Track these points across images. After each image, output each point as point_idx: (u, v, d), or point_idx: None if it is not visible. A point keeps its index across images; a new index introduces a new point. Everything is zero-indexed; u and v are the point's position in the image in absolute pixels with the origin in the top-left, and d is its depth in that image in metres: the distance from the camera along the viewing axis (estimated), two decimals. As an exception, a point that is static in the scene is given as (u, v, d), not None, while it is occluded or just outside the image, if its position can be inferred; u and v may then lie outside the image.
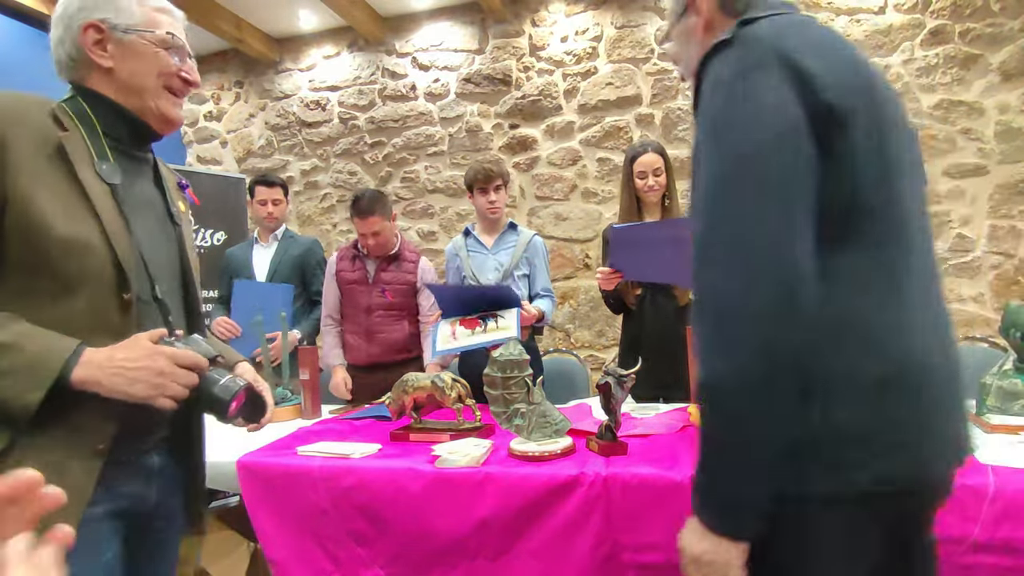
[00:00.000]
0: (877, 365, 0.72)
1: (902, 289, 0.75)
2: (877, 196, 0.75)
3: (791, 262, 0.69)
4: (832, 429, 0.72)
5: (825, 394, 0.72)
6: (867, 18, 3.45)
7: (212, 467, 1.53)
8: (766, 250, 0.69)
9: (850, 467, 0.71)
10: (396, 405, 1.73)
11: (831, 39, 0.79)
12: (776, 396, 0.70)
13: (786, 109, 0.71)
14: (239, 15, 4.07)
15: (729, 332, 0.70)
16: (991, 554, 1.05)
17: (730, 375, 0.70)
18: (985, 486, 1.07)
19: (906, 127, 0.83)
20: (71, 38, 0.96)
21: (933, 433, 0.75)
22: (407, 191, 4.26)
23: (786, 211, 0.70)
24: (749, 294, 0.68)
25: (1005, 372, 1.48)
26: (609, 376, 1.42)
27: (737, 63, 0.76)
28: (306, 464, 1.44)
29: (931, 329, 0.77)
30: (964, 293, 3.34)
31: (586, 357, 3.47)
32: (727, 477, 0.73)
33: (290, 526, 1.42)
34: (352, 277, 2.51)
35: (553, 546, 1.27)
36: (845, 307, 0.73)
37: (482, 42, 4.08)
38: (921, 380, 0.74)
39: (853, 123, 0.73)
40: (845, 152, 0.73)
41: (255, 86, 4.58)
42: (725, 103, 0.75)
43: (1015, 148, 3.25)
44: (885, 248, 0.75)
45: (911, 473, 0.73)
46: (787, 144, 0.71)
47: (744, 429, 0.71)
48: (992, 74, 3.28)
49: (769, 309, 0.68)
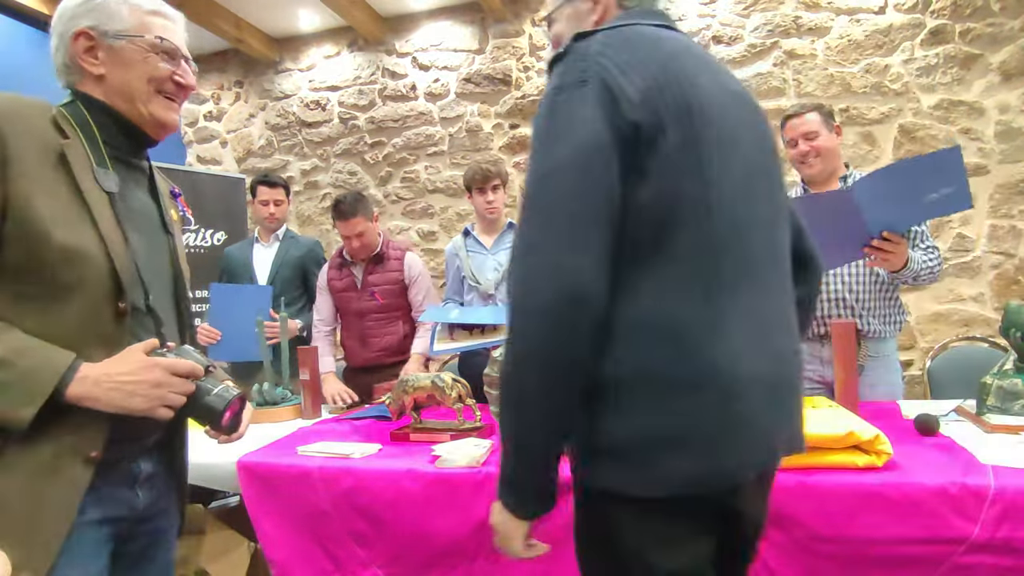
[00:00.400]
0: (687, 371, 0.76)
1: (721, 299, 0.78)
2: (695, 211, 0.77)
3: (575, 270, 0.73)
4: (639, 430, 0.76)
5: (632, 396, 0.76)
6: (867, 18, 3.45)
7: (212, 467, 1.54)
8: (551, 257, 0.74)
9: (659, 467, 0.76)
10: (396, 405, 1.73)
11: (667, 58, 0.80)
12: (552, 392, 0.75)
13: (591, 126, 0.75)
14: (239, 15, 4.07)
15: (518, 326, 0.76)
16: (991, 554, 1.05)
17: (515, 365, 0.77)
18: (985, 486, 1.07)
19: (759, 146, 0.87)
20: (64, 46, 0.97)
21: (745, 435, 0.78)
22: (407, 191, 4.26)
23: (576, 223, 0.74)
24: (536, 295, 0.74)
25: (1005, 372, 1.48)
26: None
27: (559, 77, 0.80)
28: (306, 464, 1.44)
29: (756, 338, 0.80)
30: (964, 293, 3.34)
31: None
32: (509, 460, 0.81)
33: (290, 526, 1.42)
34: (341, 285, 2.52)
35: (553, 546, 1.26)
36: (658, 314, 0.77)
37: (482, 42, 4.08)
38: (734, 386, 0.76)
39: (664, 142, 0.76)
40: (656, 169, 0.76)
41: (255, 86, 4.58)
42: (543, 116, 0.80)
43: (1015, 148, 3.25)
44: (704, 260, 0.78)
45: (718, 473, 0.77)
46: (585, 160, 0.75)
47: (524, 415, 0.78)
48: (992, 74, 3.28)
49: (551, 311, 0.73)
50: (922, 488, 1.09)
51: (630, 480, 0.76)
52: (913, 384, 3.39)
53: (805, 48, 3.54)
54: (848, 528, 1.10)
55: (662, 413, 0.76)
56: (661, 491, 0.76)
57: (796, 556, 1.14)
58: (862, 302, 1.89)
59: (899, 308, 1.95)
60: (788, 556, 1.14)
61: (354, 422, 1.92)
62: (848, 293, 1.89)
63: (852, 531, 1.10)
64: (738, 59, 3.63)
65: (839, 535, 1.11)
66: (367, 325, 2.50)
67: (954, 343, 2.68)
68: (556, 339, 0.74)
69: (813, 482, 1.13)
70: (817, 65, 3.51)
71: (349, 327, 2.56)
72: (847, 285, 1.90)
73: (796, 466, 1.16)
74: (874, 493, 1.10)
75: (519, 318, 0.76)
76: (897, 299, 1.94)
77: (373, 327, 2.50)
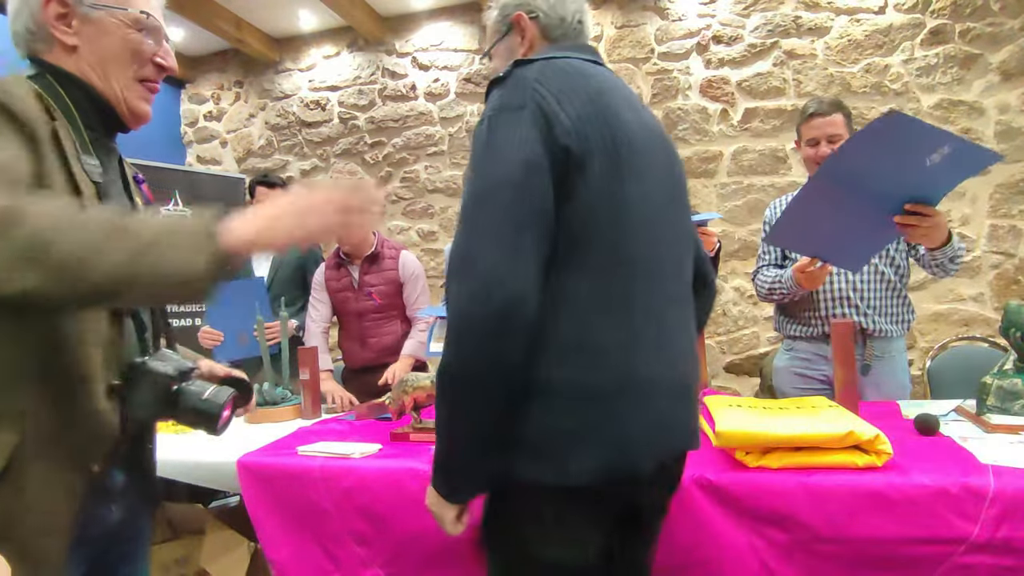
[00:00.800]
0: (603, 373, 0.85)
1: (634, 309, 0.87)
2: (612, 232, 0.86)
3: (516, 279, 0.79)
4: (558, 427, 0.84)
5: (551, 399, 0.84)
6: (867, 18, 3.45)
7: (212, 467, 1.54)
8: (488, 271, 0.79)
9: (574, 460, 0.83)
10: (396, 405, 1.73)
11: (595, 93, 0.88)
12: (489, 394, 0.82)
13: (529, 147, 0.82)
14: (239, 15, 4.07)
15: (456, 333, 0.82)
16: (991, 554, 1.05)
17: (452, 369, 0.83)
18: (985, 486, 1.06)
19: (669, 176, 0.97)
20: (31, 11, 0.87)
21: (652, 431, 0.88)
22: (407, 191, 4.26)
23: (517, 235, 0.80)
24: (473, 305, 0.80)
25: (1005, 372, 1.48)
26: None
27: (499, 99, 0.87)
28: (306, 464, 1.44)
29: (663, 344, 0.90)
30: (964, 293, 3.34)
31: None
32: (444, 451, 0.88)
33: (290, 526, 1.42)
34: (339, 286, 2.51)
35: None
36: (580, 325, 0.84)
37: (482, 42, 4.08)
38: (641, 391, 0.86)
39: (590, 167, 0.84)
40: (582, 191, 0.84)
41: (255, 86, 4.57)
42: (483, 134, 0.86)
43: (1015, 148, 3.25)
44: (620, 274, 0.87)
45: (626, 465, 0.85)
46: (524, 177, 0.81)
47: (457, 415, 0.84)
48: (992, 74, 3.28)
49: (493, 317, 0.78)
50: (922, 488, 1.09)
51: (547, 472, 0.83)
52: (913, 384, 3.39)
53: (805, 48, 3.54)
54: (848, 528, 1.10)
55: (578, 411, 0.84)
56: (575, 481, 0.83)
57: (796, 556, 1.13)
58: (867, 300, 1.87)
59: (908, 307, 1.93)
60: (788, 556, 1.14)
61: (354, 422, 1.92)
62: (852, 292, 1.88)
63: (852, 531, 1.10)
64: (738, 59, 3.63)
65: (839, 535, 1.11)
66: (365, 325, 2.50)
67: (954, 343, 2.68)
68: (497, 344, 0.79)
69: (813, 482, 1.13)
70: (817, 65, 3.51)
71: (347, 328, 2.56)
72: (851, 284, 1.88)
73: (796, 466, 1.16)
74: (874, 493, 1.10)
75: (463, 322, 0.81)
76: (905, 297, 1.92)
77: (371, 327, 2.49)
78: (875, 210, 1.48)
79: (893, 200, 1.46)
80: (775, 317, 2.10)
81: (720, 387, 3.58)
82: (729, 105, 3.66)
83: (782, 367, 2.04)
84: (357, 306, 2.49)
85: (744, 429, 1.21)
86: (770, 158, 3.59)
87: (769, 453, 1.19)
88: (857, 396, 1.59)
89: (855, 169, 1.38)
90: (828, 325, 1.85)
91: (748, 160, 3.62)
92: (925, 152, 1.34)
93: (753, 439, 1.19)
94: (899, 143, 1.34)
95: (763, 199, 3.53)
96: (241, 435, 1.77)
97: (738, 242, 3.63)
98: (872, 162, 1.37)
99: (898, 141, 1.34)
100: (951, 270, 1.75)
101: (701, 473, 1.19)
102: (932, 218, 1.47)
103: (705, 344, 1.78)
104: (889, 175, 1.40)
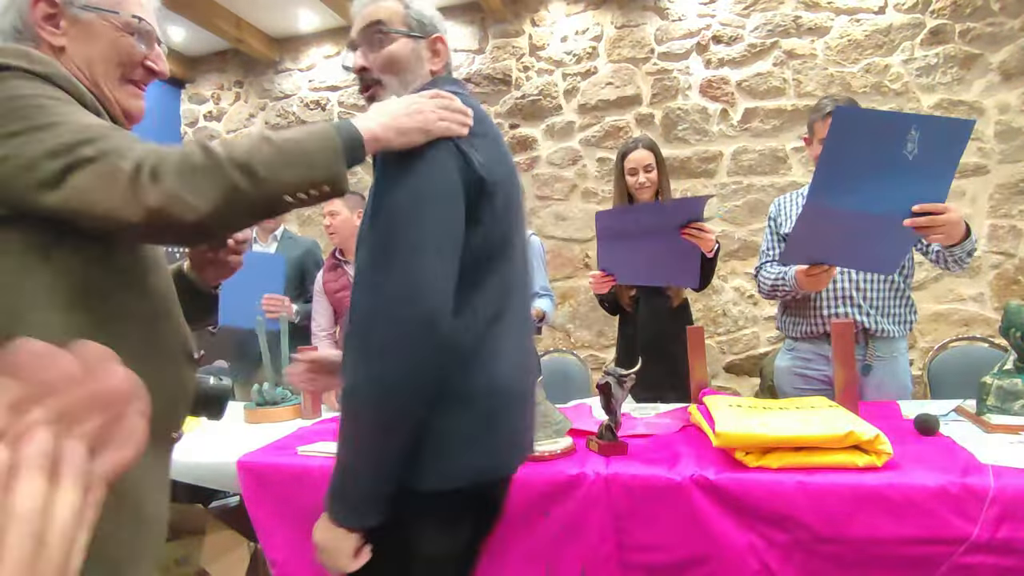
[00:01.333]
0: (486, 385, 0.92)
1: (508, 325, 0.96)
2: (502, 252, 0.96)
3: (435, 297, 0.85)
4: (447, 435, 0.90)
5: (447, 406, 0.89)
6: (867, 18, 3.45)
7: (212, 467, 1.54)
8: (410, 286, 0.84)
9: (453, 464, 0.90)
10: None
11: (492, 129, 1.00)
12: (408, 407, 0.85)
13: (450, 176, 0.89)
14: (239, 15, 4.07)
15: (377, 347, 0.85)
16: (991, 554, 1.05)
17: (371, 384, 0.84)
18: (985, 486, 1.07)
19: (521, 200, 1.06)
20: (18, 9, 0.85)
21: (513, 438, 0.98)
22: (407, 191, 4.26)
23: (439, 255, 0.87)
24: (396, 319, 0.84)
25: (1005, 372, 1.48)
26: (609, 376, 1.41)
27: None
28: (306, 464, 1.44)
29: (518, 358, 0.99)
30: (964, 293, 3.34)
31: (586, 357, 3.47)
32: (353, 473, 0.89)
33: (290, 526, 1.42)
34: (337, 286, 2.50)
35: (553, 546, 1.27)
36: (474, 337, 0.92)
37: (482, 42, 4.08)
38: (510, 398, 0.96)
39: (496, 198, 0.93)
40: (487, 220, 0.93)
41: (255, 86, 4.57)
42: (401, 163, 0.91)
43: (1015, 148, 3.25)
44: (501, 292, 0.96)
45: (497, 468, 0.97)
46: (444, 203, 0.89)
47: (375, 434, 0.86)
48: (992, 74, 3.28)
49: (411, 333, 0.83)
50: (922, 488, 1.09)
51: (426, 476, 0.89)
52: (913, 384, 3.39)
53: (805, 48, 3.54)
54: (848, 528, 1.10)
55: (457, 420, 0.90)
56: (452, 485, 0.89)
57: (796, 556, 1.14)
58: (870, 300, 1.87)
59: (910, 307, 1.92)
60: (788, 556, 1.14)
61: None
62: (856, 291, 1.87)
63: (852, 531, 1.10)
64: (738, 59, 3.63)
65: (839, 535, 1.11)
66: None
67: (954, 343, 2.68)
68: (418, 363, 0.83)
69: (813, 482, 1.13)
70: (817, 65, 3.51)
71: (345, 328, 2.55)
72: (855, 283, 1.87)
73: (796, 466, 1.16)
74: (874, 493, 1.10)
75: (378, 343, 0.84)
76: (908, 298, 1.91)
77: None
78: (886, 218, 1.44)
79: (899, 204, 1.42)
80: (779, 317, 2.09)
81: (720, 387, 3.58)
82: (729, 105, 3.66)
83: (783, 367, 2.05)
84: None
85: (744, 429, 1.21)
86: (770, 158, 3.59)
87: (769, 453, 1.19)
88: (857, 396, 1.59)
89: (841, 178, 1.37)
90: (830, 325, 1.84)
91: (748, 160, 3.62)
92: (897, 143, 1.32)
93: (753, 439, 1.19)
94: (864, 139, 1.33)
95: (763, 199, 3.53)
96: (241, 435, 1.78)
97: (738, 242, 3.63)
98: (853, 166, 1.35)
99: (861, 137, 1.32)
100: (966, 263, 1.69)
101: (701, 473, 1.19)
102: (945, 215, 1.41)
103: (705, 344, 1.78)
104: (877, 176, 1.38)
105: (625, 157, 2.13)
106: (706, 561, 1.17)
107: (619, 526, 1.23)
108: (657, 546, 1.20)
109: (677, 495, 1.19)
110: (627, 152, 2.13)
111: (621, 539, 1.23)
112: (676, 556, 1.19)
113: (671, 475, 1.22)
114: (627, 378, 1.42)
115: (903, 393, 1.90)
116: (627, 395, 1.45)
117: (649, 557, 1.21)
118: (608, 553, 1.24)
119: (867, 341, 1.87)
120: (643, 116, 3.79)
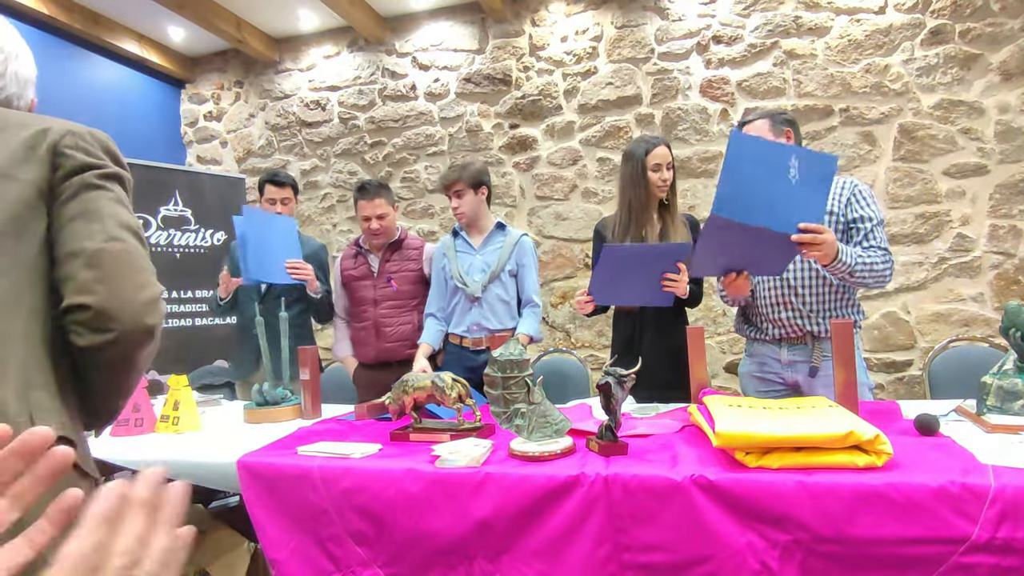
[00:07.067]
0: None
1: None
2: None
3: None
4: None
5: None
6: (867, 18, 3.45)
7: (212, 467, 1.54)
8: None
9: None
10: (396, 405, 1.73)
11: None
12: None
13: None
14: (239, 15, 4.07)
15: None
16: (991, 554, 1.05)
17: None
18: (985, 486, 1.07)
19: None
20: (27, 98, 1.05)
21: None
22: (407, 191, 4.25)
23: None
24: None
25: (1005, 372, 1.47)
26: (609, 376, 1.41)
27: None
28: (306, 464, 1.44)
29: None
30: (964, 293, 3.34)
31: (586, 357, 3.47)
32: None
33: (290, 526, 1.42)
34: (356, 274, 2.52)
35: (553, 546, 1.26)
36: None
37: (482, 42, 4.08)
38: None
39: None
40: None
41: (255, 86, 4.58)
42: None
43: (1015, 148, 3.25)
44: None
45: None
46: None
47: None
48: (992, 74, 3.28)
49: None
50: (922, 488, 1.09)
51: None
52: (913, 384, 3.39)
53: (805, 48, 3.54)
54: (848, 528, 1.10)
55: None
56: None
57: (796, 556, 1.13)
58: (809, 304, 1.90)
59: (855, 307, 1.94)
60: (788, 556, 1.14)
61: (354, 422, 1.92)
62: (794, 297, 1.91)
63: (852, 531, 1.10)
64: (738, 59, 3.63)
65: (839, 535, 1.11)
66: (381, 313, 2.49)
67: (954, 343, 2.68)
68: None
69: (813, 482, 1.13)
70: (817, 65, 3.52)
71: (361, 318, 2.54)
72: (793, 289, 1.91)
73: (796, 466, 1.16)
74: (874, 493, 1.10)
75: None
76: (850, 299, 1.93)
77: (388, 314, 2.48)
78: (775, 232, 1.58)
79: (786, 220, 1.60)
80: (736, 323, 2.17)
81: (720, 387, 3.58)
82: (729, 105, 3.66)
83: (744, 372, 2.10)
84: (375, 294, 2.49)
85: (744, 429, 1.21)
86: (770, 158, 3.59)
87: (769, 453, 1.19)
88: (857, 396, 1.59)
89: (740, 194, 1.51)
90: (778, 329, 1.94)
91: (748, 160, 3.62)
92: (782, 169, 1.52)
93: (753, 439, 1.19)
94: (756, 162, 1.50)
95: (763, 199, 3.53)
96: (241, 435, 1.78)
97: (738, 242, 3.63)
98: (751, 184, 1.51)
99: (754, 160, 1.50)
100: (866, 284, 1.78)
101: (701, 473, 1.19)
102: (823, 235, 1.60)
103: (705, 344, 1.78)
104: (769, 195, 1.54)
105: (649, 153, 2.11)
106: (706, 561, 1.17)
107: (619, 526, 1.23)
108: (657, 546, 1.20)
109: (677, 495, 1.19)
110: (650, 148, 2.10)
111: (621, 539, 1.23)
112: (676, 556, 1.19)
113: (671, 475, 1.22)
114: (627, 378, 1.42)
115: (861, 392, 1.89)
116: (627, 395, 1.45)
117: (649, 557, 1.21)
118: (608, 553, 1.24)
119: (812, 343, 1.89)
120: (643, 116, 3.79)
